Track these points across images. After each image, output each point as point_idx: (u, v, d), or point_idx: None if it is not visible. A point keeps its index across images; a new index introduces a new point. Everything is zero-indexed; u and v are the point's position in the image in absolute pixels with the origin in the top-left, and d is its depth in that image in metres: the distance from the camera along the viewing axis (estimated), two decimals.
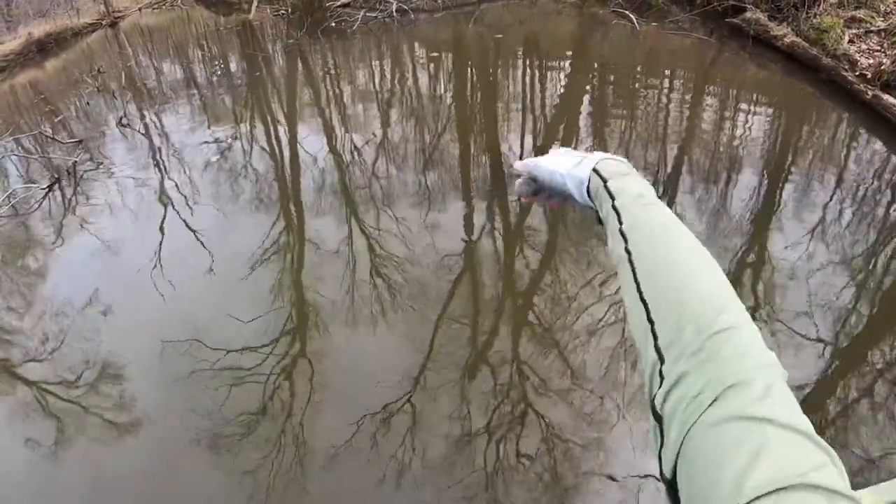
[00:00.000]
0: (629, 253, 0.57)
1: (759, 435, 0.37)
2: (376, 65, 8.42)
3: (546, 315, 3.60)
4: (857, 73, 5.73)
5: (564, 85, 7.30)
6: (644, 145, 5.54)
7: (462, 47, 8.66)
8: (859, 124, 5.60)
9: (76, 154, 5.80)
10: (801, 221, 4.17)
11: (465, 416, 2.93)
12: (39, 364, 3.53)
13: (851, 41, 6.25)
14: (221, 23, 10.45)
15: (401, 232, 4.34)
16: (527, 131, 6.17)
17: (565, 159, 0.75)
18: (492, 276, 3.97)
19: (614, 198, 0.64)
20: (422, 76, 7.89)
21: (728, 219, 4.26)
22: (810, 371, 3.05)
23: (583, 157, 0.73)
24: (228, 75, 8.53)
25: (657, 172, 5.01)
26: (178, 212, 4.84)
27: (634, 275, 0.55)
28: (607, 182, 0.66)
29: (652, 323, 0.49)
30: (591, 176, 0.69)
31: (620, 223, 0.61)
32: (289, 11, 10.11)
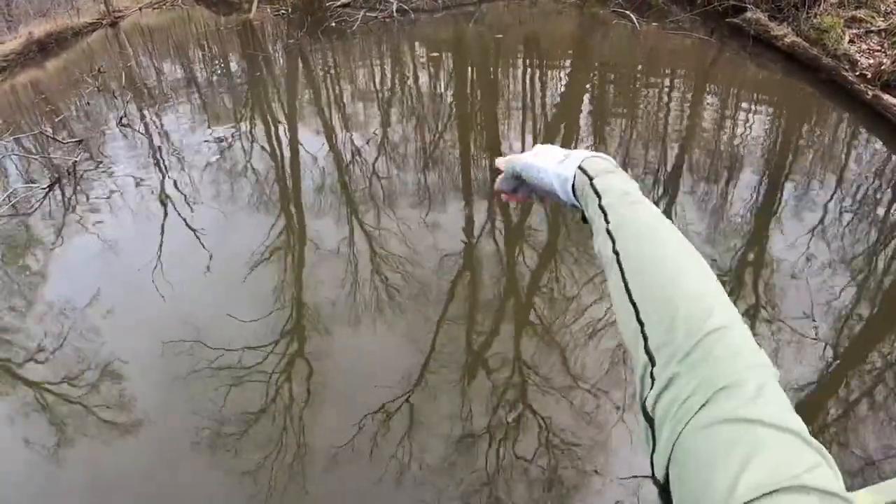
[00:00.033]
0: (617, 254, 0.56)
1: (751, 436, 0.36)
2: (376, 65, 8.42)
3: (547, 314, 3.60)
4: (858, 73, 5.73)
5: (565, 85, 7.30)
6: (644, 145, 5.54)
7: (462, 47, 8.66)
8: (859, 124, 5.60)
9: (76, 154, 5.80)
10: (802, 221, 4.17)
11: (466, 416, 2.93)
12: (40, 364, 3.53)
13: (852, 41, 6.25)
14: (222, 22, 10.46)
15: (401, 231, 4.34)
16: (527, 131, 6.17)
17: (549, 156, 0.73)
18: (492, 276, 3.97)
19: (601, 196, 0.63)
20: (422, 76, 7.89)
21: (728, 218, 4.26)
22: (811, 371, 3.05)
23: (567, 155, 0.71)
24: (229, 75, 8.53)
25: (657, 172, 5.01)
26: (179, 211, 4.84)
27: (623, 276, 0.54)
28: (593, 180, 0.65)
29: (642, 324, 0.49)
30: (577, 173, 0.68)
31: (607, 222, 0.60)
32: (289, 11, 10.12)
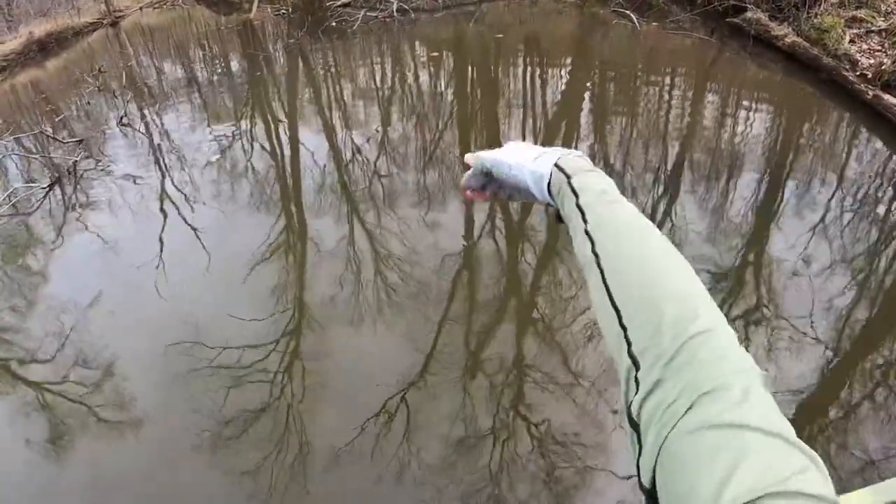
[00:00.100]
0: (597, 255, 0.55)
1: (738, 441, 0.36)
2: (377, 64, 8.42)
3: (547, 313, 3.60)
4: (858, 73, 5.73)
5: (565, 84, 7.30)
6: (645, 144, 5.54)
7: (462, 47, 8.65)
8: (860, 124, 5.60)
9: (77, 153, 5.80)
10: (803, 220, 4.17)
11: (467, 415, 2.93)
12: (40, 363, 3.53)
13: (852, 41, 6.25)
14: (222, 22, 10.46)
15: (401, 231, 4.34)
16: (527, 130, 6.17)
17: (522, 153, 0.71)
18: (493, 275, 3.97)
19: (578, 195, 0.62)
20: (422, 76, 7.89)
21: (729, 218, 4.26)
22: (811, 370, 3.05)
23: (542, 152, 0.70)
24: (229, 75, 8.53)
25: (658, 171, 5.01)
26: (179, 211, 4.84)
27: (604, 278, 0.53)
28: (571, 178, 0.64)
29: (624, 328, 0.48)
30: (553, 171, 0.66)
31: (585, 222, 0.59)
32: (289, 11, 10.12)
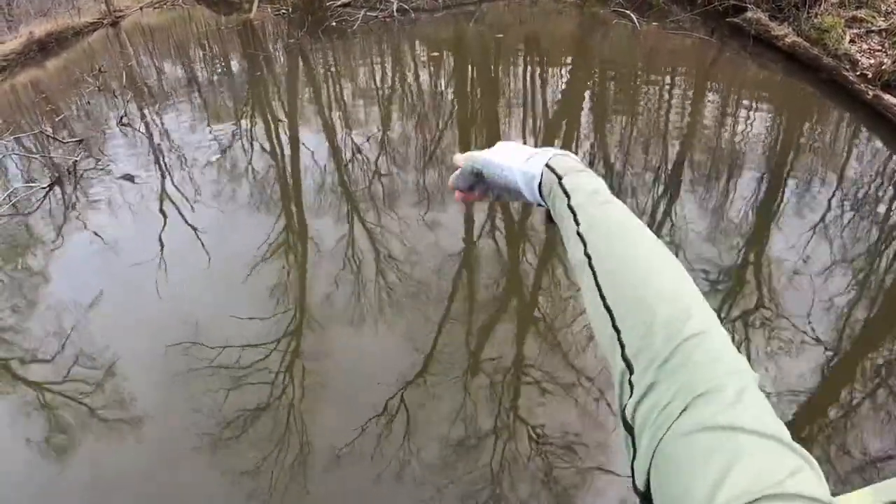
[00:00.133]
0: (589, 257, 0.55)
1: (732, 443, 0.35)
2: (377, 64, 8.42)
3: (548, 313, 3.60)
4: (858, 73, 5.73)
5: (565, 84, 7.29)
6: (645, 144, 5.54)
7: (463, 47, 8.66)
8: (860, 124, 5.60)
9: (77, 153, 5.80)
10: (803, 220, 4.17)
11: (468, 415, 2.93)
12: (40, 363, 3.53)
13: (852, 41, 6.25)
14: (222, 22, 10.46)
15: (401, 230, 4.34)
16: (528, 130, 6.17)
17: (513, 154, 0.71)
18: (493, 275, 3.97)
19: (569, 196, 0.61)
20: (422, 75, 7.89)
21: (729, 217, 4.26)
22: (811, 370, 3.05)
23: (533, 153, 0.69)
24: (229, 74, 8.53)
25: (658, 171, 5.01)
26: (179, 210, 4.84)
27: (596, 279, 0.53)
28: (562, 179, 0.63)
29: (618, 331, 0.47)
30: (544, 172, 0.66)
31: (577, 223, 0.58)
32: (290, 11, 10.12)
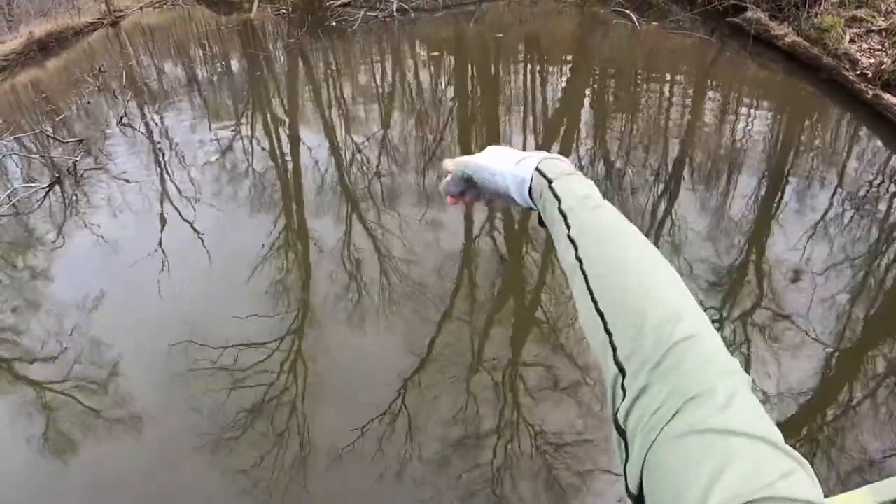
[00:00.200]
0: (580, 261, 0.55)
1: (723, 446, 0.35)
2: (377, 64, 8.42)
3: (548, 312, 3.60)
4: (858, 73, 5.73)
5: (565, 84, 7.29)
6: (645, 144, 5.53)
7: (463, 46, 8.65)
8: (860, 123, 5.60)
9: (77, 153, 5.80)
10: (803, 221, 4.17)
11: (468, 415, 2.93)
12: (40, 363, 3.53)
13: (852, 41, 6.25)
14: (223, 22, 10.46)
15: (401, 230, 4.34)
16: (528, 130, 6.17)
17: (503, 158, 0.70)
18: (493, 274, 3.97)
19: (560, 200, 0.61)
20: (422, 75, 7.89)
21: (729, 217, 4.25)
22: (811, 370, 3.05)
23: (523, 156, 0.69)
24: (229, 74, 8.53)
25: (658, 171, 5.01)
26: (179, 210, 4.85)
27: (587, 283, 0.53)
28: (552, 182, 0.63)
29: (610, 335, 0.47)
30: (534, 175, 0.65)
31: (568, 227, 0.58)
32: (290, 11, 10.12)
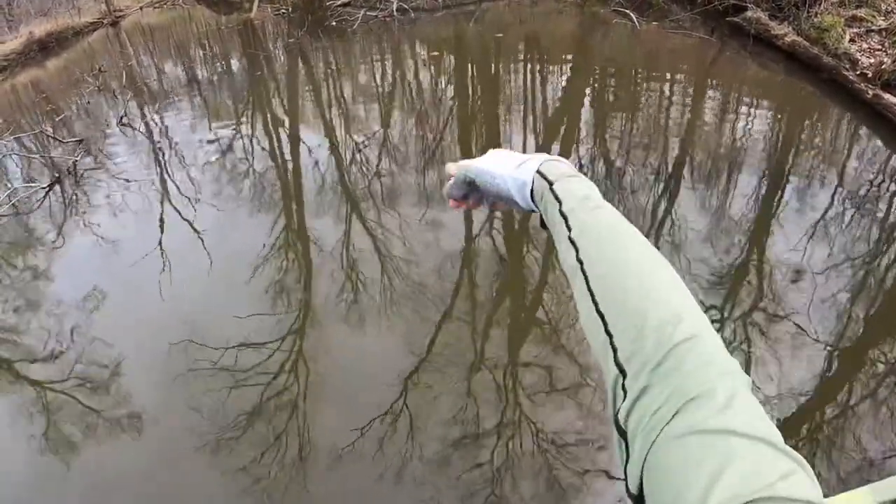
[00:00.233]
0: (581, 262, 0.55)
1: (723, 447, 0.36)
2: (377, 64, 8.42)
3: (548, 313, 3.60)
4: (858, 73, 5.73)
5: (565, 84, 7.29)
6: (645, 144, 5.54)
7: (463, 46, 8.65)
8: (860, 123, 5.60)
9: (77, 153, 5.80)
10: (803, 221, 4.17)
11: (468, 415, 2.93)
12: (40, 363, 3.53)
13: (852, 40, 6.25)
14: (223, 22, 10.46)
15: (402, 230, 4.34)
16: (528, 129, 6.17)
17: (504, 161, 0.71)
18: (493, 275, 3.97)
19: (561, 202, 0.61)
20: (422, 75, 7.89)
21: (729, 217, 4.25)
22: (812, 370, 3.05)
23: (524, 159, 0.70)
24: (230, 74, 8.53)
25: (658, 171, 5.01)
26: (179, 210, 4.85)
27: (588, 285, 0.53)
28: (553, 185, 0.64)
29: (610, 336, 0.48)
30: (535, 178, 0.66)
31: (569, 229, 0.59)
32: (290, 10, 10.12)
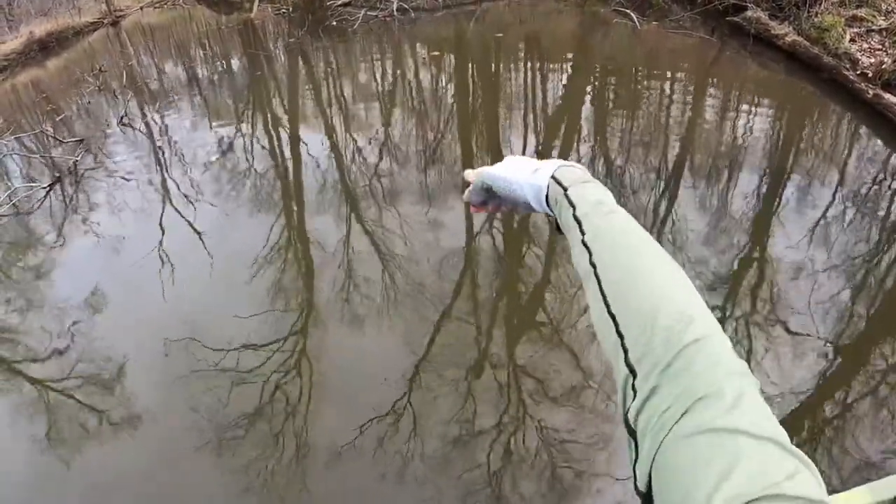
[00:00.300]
0: (594, 266, 0.56)
1: (730, 446, 0.36)
2: (377, 64, 8.42)
3: (549, 313, 3.60)
4: (859, 72, 5.72)
5: (565, 83, 7.29)
6: (645, 144, 5.53)
7: (463, 46, 8.65)
8: (860, 123, 5.60)
9: (77, 153, 5.80)
10: (803, 219, 4.17)
11: (468, 415, 2.93)
12: (40, 363, 3.53)
13: (853, 40, 6.24)
14: (223, 22, 10.46)
15: (402, 230, 4.34)
16: (528, 129, 6.17)
17: (520, 168, 0.73)
18: (493, 275, 3.97)
19: (575, 207, 0.63)
20: (423, 75, 7.89)
21: (729, 217, 4.26)
22: (812, 370, 3.05)
23: (540, 165, 0.71)
24: (230, 74, 8.53)
25: (658, 171, 5.01)
26: (180, 210, 4.85)
27: (601, 287, 0.54)
28: (567, 190, 0.65)
29: (621, 337, 0.49)
30: (550, 183, 0.67)
31: (582, 233, 0.60)
32: (290, 10, 10.12)
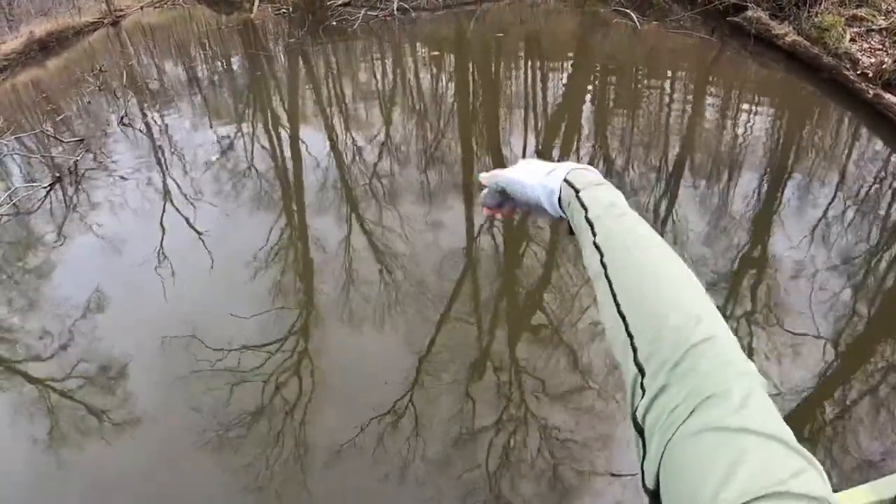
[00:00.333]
0: (605, 266, 0.57)
1: (737, 445, 0.37)
2: (378, 63, 8.42)
3: (550, 313, 3.60)
4: (859, 72, 5.73)
5: (565, 83, 7.29)
6: (646, 144, 5.54)
7: (463, 46, 8.65)
8: (860, 123, 5.60)
9: (78, 153, 5.80)
10: (804, 220, 4.17)
11: (468, 415, 2.93)
12: (40, 363, 3.53)
13: (853, 40, 6.24)
14: (223, 21, 10.45)
15: (403, 230, 4.35)
16: (529, 129, 6.17)
17: (534, 171, 0.74)
18: (494, 275, 3.97)
19: (587, 209, 0.63)
20: (423, 75, 7.89)
21: (730, 217, 4.26)
22: (813, 370, 3.05)
23: (553, 168, 0.72)
24: (230, 74, 8.53)
25: (659, 171, 5.01)
26: (180, 210, 4.85)
27: (611, 288, 0.55)
28: (579, 192, 0.66)
29: (631, 336, 0.50)
30: (563, 186, 0.68)
31: (594, 235, 0.60)
32: (290, 10, 10.12)
